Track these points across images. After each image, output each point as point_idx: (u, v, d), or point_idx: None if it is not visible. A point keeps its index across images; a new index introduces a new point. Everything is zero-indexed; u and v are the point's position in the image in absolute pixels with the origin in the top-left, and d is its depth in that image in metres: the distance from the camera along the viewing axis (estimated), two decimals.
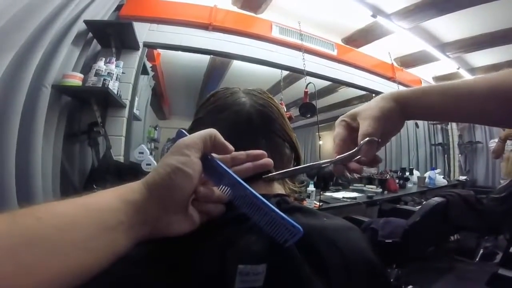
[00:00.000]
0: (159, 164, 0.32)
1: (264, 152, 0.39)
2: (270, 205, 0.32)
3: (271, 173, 0.42)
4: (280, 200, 0.41)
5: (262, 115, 0.47)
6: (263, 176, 0.41)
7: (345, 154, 0.42)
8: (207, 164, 0.34)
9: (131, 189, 0.31)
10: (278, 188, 0.46)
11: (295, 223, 0.31)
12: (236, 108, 0.47)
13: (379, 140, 0.40)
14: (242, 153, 0.39)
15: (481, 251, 2.54)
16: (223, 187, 0.35)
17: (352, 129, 0.44)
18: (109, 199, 0.29)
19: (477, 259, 2.52)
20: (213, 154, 0.36)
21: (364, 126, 0.41)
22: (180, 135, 0.37)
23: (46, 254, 0.23)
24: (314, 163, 0.44)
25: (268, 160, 0.39)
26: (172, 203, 0.31)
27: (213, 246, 0.34)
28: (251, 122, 0.46)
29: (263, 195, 0.34)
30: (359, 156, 0.41)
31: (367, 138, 0.39)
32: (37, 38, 1.36)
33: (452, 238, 2.59)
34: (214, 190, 0.35)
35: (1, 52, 1.16)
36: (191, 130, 0.50)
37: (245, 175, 0.37)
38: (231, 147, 0.37)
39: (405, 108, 0.43)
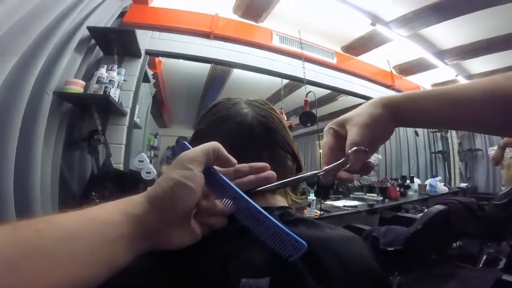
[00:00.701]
0: (161, 177, 0.32)
1: (267, 165, 0.38)
2: (274, 219, 0.32)
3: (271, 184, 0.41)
4: (284, 213, 0.42)
5: (264, 127, 0.47)
6: (255, 190, 0.39)
7: (332, 165, 0.40)
8: (209, 177, 0.34)
9: (133, 202, 0.31)
10: (280, 200, 0.46)
11: (299, 238, 0.30)
12: (238, 119, 0.47)
13: (367, 149, 0.39)
14: (245, 166, 0.38)
15: (484, 257, 2.52)
16: (226, 200, 0.35)
17: (340, 137, 0.42)
18: (111, 212, 0.29)
19: (480, 265, 2.50)
20: (216, 167, 0.36)
21: (352, 135, 0.39)
22: (182, 147, 0.36)
23: (45, 267, 0.23)
24: (303, 175, 0.43)
25: (271, 173, 0.38)
26: (174, 217, 0.31)
27: (216, 259, 0.34)
28: (253, 133, 0.46)
29: (265, 208, 0.34)
30: (348, 166, 0.39)
31: (354, 148, 0.38)
32: (40, 44, 1.36)
33: (454, 244, 2.57)
34: (217, 203, 0.35)
35: (4, 57, 1.16)
36: (193, 141, 0.50)
37: (248, 188, 0.37)
38: (234, 160, 0.37)
39: (395, 114, 0.41)
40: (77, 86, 1.63)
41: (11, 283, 0.21)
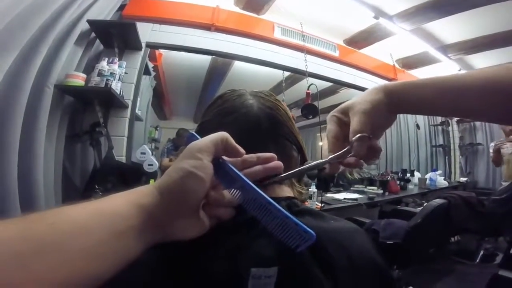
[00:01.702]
0: (171, 168, 0.32)
1: (274, 155, 0.39)
2: (283, 210, 0.31)
3: (280, 175, 0.41)
4: (290, 203, 0.42)
5: (270, 118, 0.47)
6: (266, 182, 0.40)
7: (337, 153, 0.41)
8: (218, 167, 0.34)
9: (142, 193, 0.31)
10: (287, 191, 0.46)
11: (308, 229, 0.30)
12: (243, 110, 0.47)
13: (370, 136, 0.39)
14: (252, 156, 0.38)
15: (482, 253, 2.54)
16: (234, 190, 0.34)
17: (344, 124, 0.42)
18: (120, 204, 0.29)
19: (477, 261, 2.52)
20: (224, 157, 0.36)
21: (354, 122, 0.40)
22: (191, 138, 0.36)
23: (57, 261, 0.23)
24: (310, 164, 0.43)
25: (278, 163, 0.38)
26: (184, 207, 0.31)
27: (224, 250, 0.34)
28: (259, 125, 0.46)
29: (273, 198, 0.34)
30: (352, 153, 0.40)
31: (358, 135, 0.38)
32: (40, 38, 1.35)
33: (452, 239, 2.59)
34: (225, 194, 0.35)
35: (5, 51, 1.15)
36: (198, 132, 0.50)
37: (255, 178, 0.36)
38: (242, 150, 0.36)
39: (396, 101, 0.41)
40: (78, 79, 1.62)
41: (21, 279, 0.21)
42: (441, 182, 3.67)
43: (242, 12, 2.61)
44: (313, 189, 2.22)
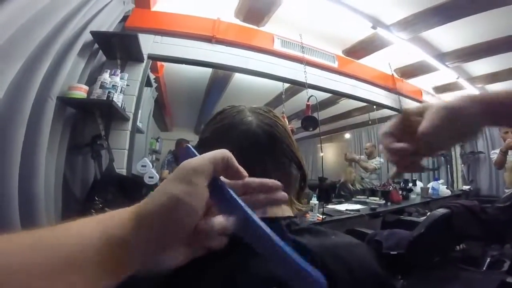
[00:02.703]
0: (157, 189, 0.27)
1: (280, 184, 0.34)
2: (293, 254, 0.28)
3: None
4: (290, 223, 0.42)
5: (269, 135, 0.47)
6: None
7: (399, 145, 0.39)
8: (214, 189, 0.30)
9: (118, 220, 0.26)
10: (285, 210, 0.46)
11: (319, 276, 0.27)
12: (242, 127, 0.47)
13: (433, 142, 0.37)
14: (255, 181, 0.33)
15: (488, 260, 2.51)
16: (231, 218, 0.30)
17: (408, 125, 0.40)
18: (92, 234, 0.24)
19: (484, 268, 2.48)
20: (223, 178, 0.32)
21: (429, 116, 0.37)
22: (187, 153, 0.31)
23: None
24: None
25: (283, 196, 0.34)
26: (167, 241, 0.26)
27: (221, 271, 0.34)
28: (258, 142, 0.46)
29: (271, 218, 0.34)
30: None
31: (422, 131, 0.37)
32: (44, 49, 1.36)
33: (457, 247, 2.55)
34: (217, 221, 0.29)
35: (9, 62, 1.16)
36: (197, 149, 0.50)
37: (254, 207, 0.32)
38: (245, 173, 0.32)
39: (489, 108, 0.37)
40: (81, 91, 1.63)
41: None
42: (444, 191, 3.65)
43: (242, 24, 2.65)
44: (314, 201, 2.20)
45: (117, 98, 1.77)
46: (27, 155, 1.29)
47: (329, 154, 4.93)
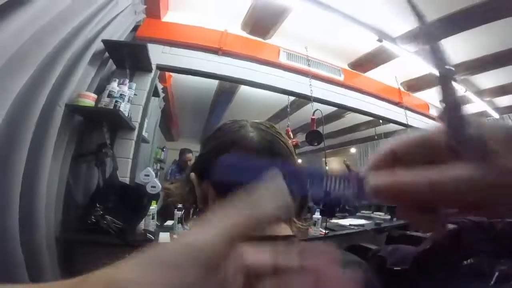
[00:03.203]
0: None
1: None
2: None
3: None
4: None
5: (271, 151, 0.47)
6: None
7: None
8: None
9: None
10: (284, 228, 0.45)
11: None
12: (244, 143, 0.46)
13: None
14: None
15: (496, 274, 2.42)
16: None
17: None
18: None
19: (492, 282, 2.40)
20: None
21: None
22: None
23: None
24: None
25: None
26: None
27: None
28: (259, 158, 0.45)
29: (270, 237, 0.35)
30: None
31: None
32: (56, 56, 1.38)
33: (465, 262, 2.48)
34: None
35: (22, 68, 1.18)
36: (198, 163, 0.50)
37: None
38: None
39: None
40: (89, 99, 1.65)
41: None
42: None
43: (249, 37, 2.70)
44: (317, 215, 2.17)
45: (124, 108, 1.79)
46: (32, 161, 1.30)
47: (333, 167, 4.89)
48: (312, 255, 0.20)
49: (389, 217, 2.90)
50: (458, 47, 2.77)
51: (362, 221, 2.66)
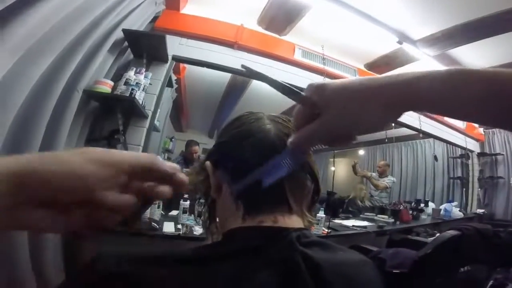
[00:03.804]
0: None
1: (186, 181, 0.34)
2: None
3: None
4: (300, 234, 0.41)
5: (287, 145, 0.46)
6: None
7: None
8: None
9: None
10: (296, 221, 0.45)
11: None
12: (260, 135, 0.46)
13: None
14: (167, 171, 0.32)
15: (491, 283, 2.42)
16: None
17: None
18: None
19: None
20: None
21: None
22: None
23: None
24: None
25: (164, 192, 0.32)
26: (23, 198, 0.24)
27: (227, 278, 0.34)
28: (275, 151, 0.44)
29: (283, 229, 0.38)
30: None
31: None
32: (78, 43, 1.40)
33: (462, 269, 2.48)
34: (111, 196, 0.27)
35: (45, 53, 1.20)
36: (214, 152, 0.50)
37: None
38: (173, 171, 0.32)
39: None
40: (106, 86, 1.68)
41: None
42: (456, 213, 3.55)
43: (265, 32, 2.68)
44: (321, 214, 2.18)
45: (139, 96, 1.82)
46: (47, 144, 1.33)
47: (340, 169, 4.87)
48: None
49: (392, 220, 2.89)
50: (478, 54, 2.72)
51: (365, 223, 2.65)
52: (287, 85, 0.39)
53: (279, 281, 0.33)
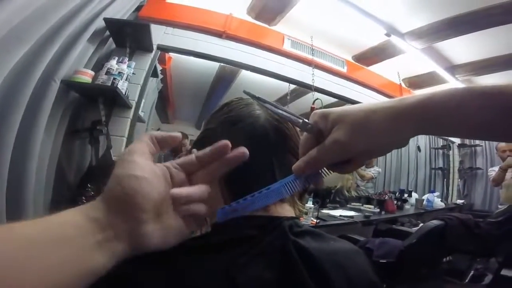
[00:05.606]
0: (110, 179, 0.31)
1: (227, 142, 0.34)
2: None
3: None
4: (292, 223, 0.41)
5: (277, 131, 0.46)
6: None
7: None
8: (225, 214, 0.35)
9: (91, 205, 0.29)
10: (288, 210, 0.45)
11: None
12: (250, 120, 0.45)
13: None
14: (205, 151, 0.35)
15: (472, 273, 2.53)
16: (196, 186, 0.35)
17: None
18: (72, 215, 0.28)
19: (466, 281, 2.50)
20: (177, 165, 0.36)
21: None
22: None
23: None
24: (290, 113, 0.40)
25: (240, 152, 0.35)
26: (136, 212, 0.28)
27: (220, 268, 0.33)
28: (266, 137, 0.44)
29: (275, 218, 0.38)
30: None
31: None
32: (56, 32, 1.35)
33: (444, 259, 2.58)
34: (184, 188, 0.33)
35: (20, 42, 1.15)
36: (202, 139, 0.49)
37: (217, 175, 0.36)
38: (176, 135, 0.36)
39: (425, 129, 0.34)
40: (86, 76, 1.61)
41: None
42: (438, 203, 3.67)
43: (254, 22, 2.63)
44: (309, 204, 2.20)
45: (122, 86, 1.74)
46: (23, 137, 1.27)
47: None
48: None
49: (378, 210, 2.95)
50: (465, 47, 2.76)
51: (352, 213, 2.70)
52: (293, 115, 0.39)
53: (273, 272, 0.33)
